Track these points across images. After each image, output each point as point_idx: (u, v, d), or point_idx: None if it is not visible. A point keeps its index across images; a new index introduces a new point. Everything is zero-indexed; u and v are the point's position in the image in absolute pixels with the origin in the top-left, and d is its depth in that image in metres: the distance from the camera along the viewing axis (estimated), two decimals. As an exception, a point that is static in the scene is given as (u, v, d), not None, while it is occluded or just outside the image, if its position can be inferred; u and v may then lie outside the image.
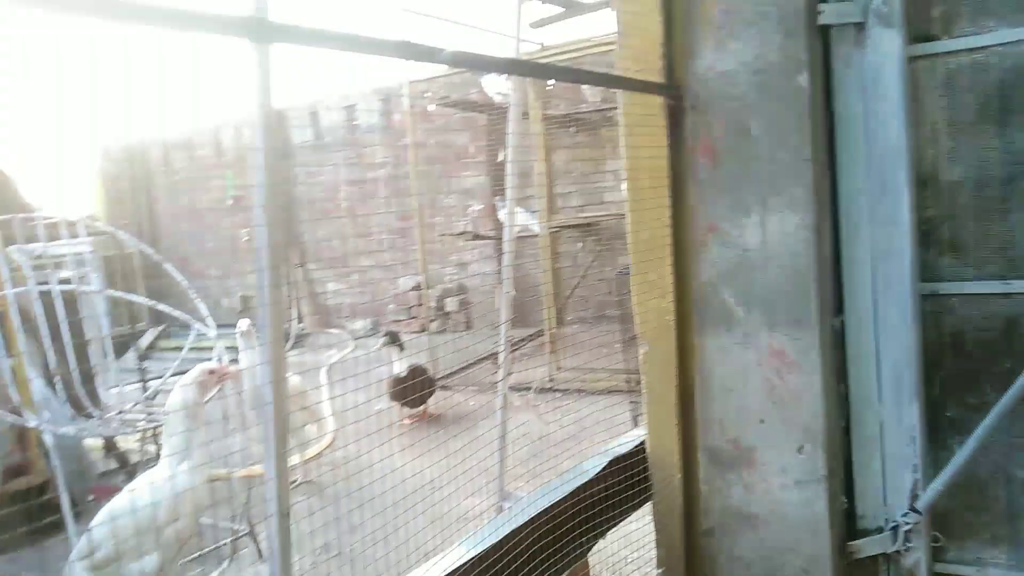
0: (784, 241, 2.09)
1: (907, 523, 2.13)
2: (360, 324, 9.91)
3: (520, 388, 5.90)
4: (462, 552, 1.90)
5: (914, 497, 2.15)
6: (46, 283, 3.59)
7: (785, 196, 2.08)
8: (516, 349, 7.26)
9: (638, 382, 2.82)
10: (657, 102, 2.16)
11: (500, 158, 8.17)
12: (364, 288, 10.24)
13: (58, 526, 3.33)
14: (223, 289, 10.84)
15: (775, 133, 2.08)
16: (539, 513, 2.07)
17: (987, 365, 2.13)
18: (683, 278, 2.22)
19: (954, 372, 2.20)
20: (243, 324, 4.67)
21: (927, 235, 2.19)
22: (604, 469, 2.29)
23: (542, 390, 5.99)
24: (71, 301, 3.70)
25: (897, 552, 2.18)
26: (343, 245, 9.93)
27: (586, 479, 2.24)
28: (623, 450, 2.37)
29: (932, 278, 2.18)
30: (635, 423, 3.83)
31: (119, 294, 4.37)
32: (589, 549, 2.31)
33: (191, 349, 4.09)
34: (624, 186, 2.34)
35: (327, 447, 5.29)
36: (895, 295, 2.14)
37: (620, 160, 2.33)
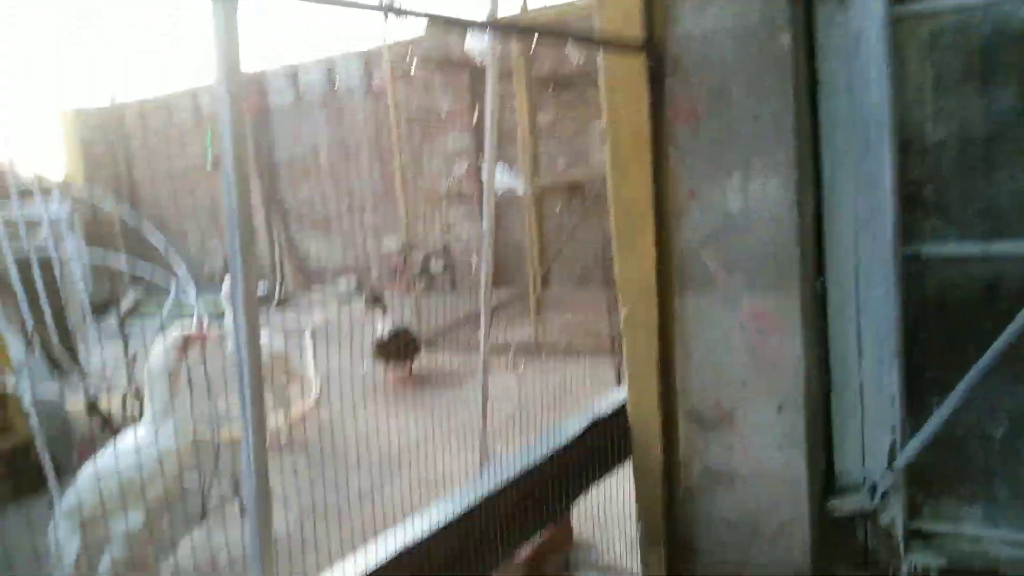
0: (766, 205, 2.08)
1: (885, 482, 2.16)
2: (344, 285, 9.86)
3: (503, 349, 5.92)
4: (444, 511, 1.91)
5: (892, 457, 2.17)
6: (22, 247, 3.54)
7: (767, 160, 2.06)
8: (500, 311, 7.27)
9: (622, 343, 2.83)
10: (638, 65, 2.13)
11: (475, 118, 8.09)
12: (347, 249, 10.18)
13: (41, 486, 3.34)
14: (205, 251, 10.74)
15: (757, 96, 2.06)
16: (521, 472, 2.08)
17: (968, 326, 2.14)
18: (664, 242, 2.21)
19: (935, 333, 2.21)
20: (227, 285, 4.62)
21: (911, 197, 2.18)
22: (586, 430, 2.30)
23: (526, 351, 6.00)
24: (47, 264, 3.65)
25: (874, 510, 2.21)
26: (325, 206, 9.84)
27: (567, 440, 2.25)
28: (604, 411, 2.38)
29: (915, 240, 2.18)
30: (619, 383, 3.85)
31: (97, 258, 4.31)
32: (570, 506, 2.34)
33: (172, 311, 4.06)
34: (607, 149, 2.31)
35: (311, 408, 5.30)
36: (877, 257, 2.14)
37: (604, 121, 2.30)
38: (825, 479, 2.28)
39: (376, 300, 5.68)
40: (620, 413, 2.39)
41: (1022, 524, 2.16)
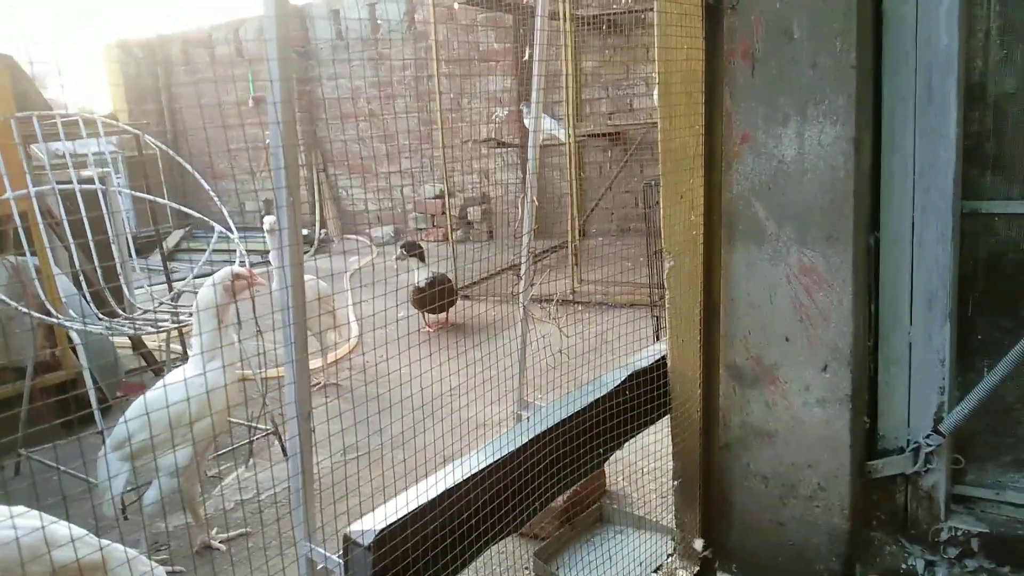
0: (822, 153, 2.00)
1: (929, 445, 2.11)
2: (383, 231, 9.89)
3: (542, 300, 5.90)
4: (482, 458, 1.91)
5: (938, 419, 2.12)
6: (67, 182, 3.57)
7: (825, 105, 1.98)
8: (539, 260, 7.23)
9: (662, 296, 2.79)
10: (695, 1, 2.04)
11: (525, 57, 7.93)
12: (386, 195, 10.16)
13: (89, 420, 3.43)
14: (246, 191, 10.81)
15: (819, 36, 1.96)
16: (558, 423, 2.07)
17: (1025, 288, 2.06)
18: (714, 190, 2.15)
19: (989, 294, 2.13)
20: (268, 221, 4.61)
21: (972, 150, 2.09)
22: (624, 382, 2.28)
23: (564, 302, 5.98)
24: (92, 200, 3.69)
25: (916, 473, 2.17)
26: (365, 149, 9.80)
27: (605, 392, 2.23)
28: (644, 364, 2.35)
29: (974, 196, 2.09)
30: (657, 337, 3.81)
31: (140, 194, 4.35)
32: (606, 459, 2.33)
33: (215, 251, 4.09)
34: (656, 93, 2.23)
35: (351, 351, 5.36)
36: (935, 212, 2.05)
37: (652, 65, 2.21)
38: (867, 439, 2.23)
39: (414, 249, 5.66)
40: (659, 366, 2.36)
41: (1072, 492, 2.11)
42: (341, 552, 1.67)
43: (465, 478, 1.81)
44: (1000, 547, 2.12)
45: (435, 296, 5.39)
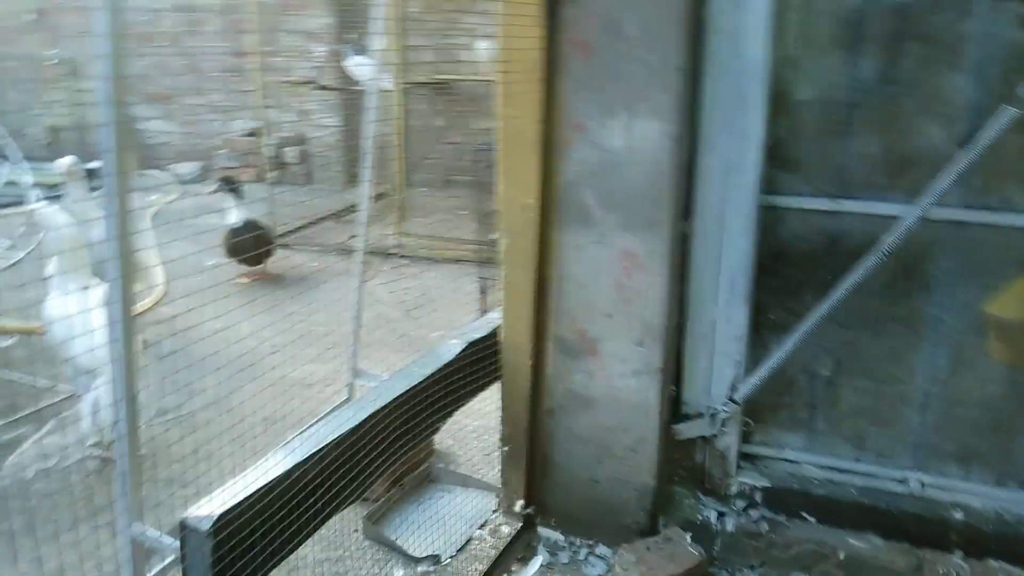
0: (646, 146, 2.15)
1: (725, 412, 2.39)
2: (187, 168, 9.25)
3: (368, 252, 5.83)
4: (323, 434, 1.92)
5: (733, 389, 2.40)
6: None
7: (652, 102, 2.13)
8: (353, 212, 7.09)
9: (489, 256, 2.89)
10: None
11: None
12: (192, 129, 9.49)
13: None
14: (26, 117, 9.67)
15: (648, 36, 2.09)
16: (397, 397, 2.12)
17: (809, 275, 2.36)
18: (548, 175, 2.25)
19: (780, 279, 2.42)
20: (65, 163, 4.20)
21: (773, 150, 2.33)
22: (461, 353, 2.36)
23: (386, 256, 5.95)
24: None
25: (713, 435, 2.45)
26: (167, 78, 9.07)
27: (443, 363, 2.31)
28: (478, 335, 2.45)
29: (771, 191, 2.35)
30: (482, 295, 3.93)
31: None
32: (441, 426, 2.42)
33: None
34: (482, 45, 2.27)
35: (157, 301, 5.04)
36: (740, 205, 2.29)
37: (478, 16, 2.26)
38: (673, 406, 2.48)
39: (228, 184, 5.30)
40: (492, 337, 2.47)
41: (834, 452, 2.48)
42: (176, 538, 1.64)
43: (306, 456, 1.83)
44: (777, 498, 2.45)
45: (251, 245, 5.18)
